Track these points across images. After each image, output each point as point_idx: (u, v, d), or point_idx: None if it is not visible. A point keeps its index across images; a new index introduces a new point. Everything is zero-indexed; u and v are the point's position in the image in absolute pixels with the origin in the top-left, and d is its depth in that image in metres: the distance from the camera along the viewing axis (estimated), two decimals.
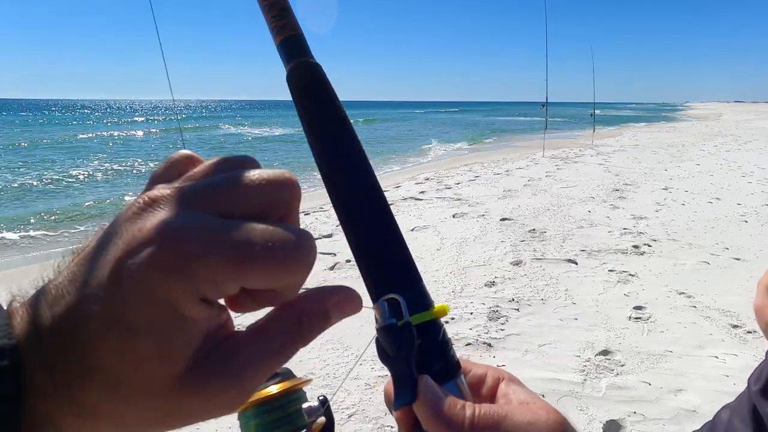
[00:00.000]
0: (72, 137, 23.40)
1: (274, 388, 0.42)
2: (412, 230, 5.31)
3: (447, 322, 3.17)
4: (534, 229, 5.26)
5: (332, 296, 0.24)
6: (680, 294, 3.58)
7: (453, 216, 5.94)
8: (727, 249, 4.56)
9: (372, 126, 31.15)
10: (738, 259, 4.28)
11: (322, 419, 0.41)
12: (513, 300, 3.51)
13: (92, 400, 0.20)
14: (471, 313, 3.31)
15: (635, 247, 4.64)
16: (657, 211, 6.08)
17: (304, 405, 0.41)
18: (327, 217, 5.77)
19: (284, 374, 0.44)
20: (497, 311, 3.33)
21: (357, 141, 0.32)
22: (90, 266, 0.20)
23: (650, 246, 4.69)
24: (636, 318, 3.22)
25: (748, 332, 2.99)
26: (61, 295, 0.20)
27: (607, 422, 2.24)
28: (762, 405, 0.55)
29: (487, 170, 9.82)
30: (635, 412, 2.29)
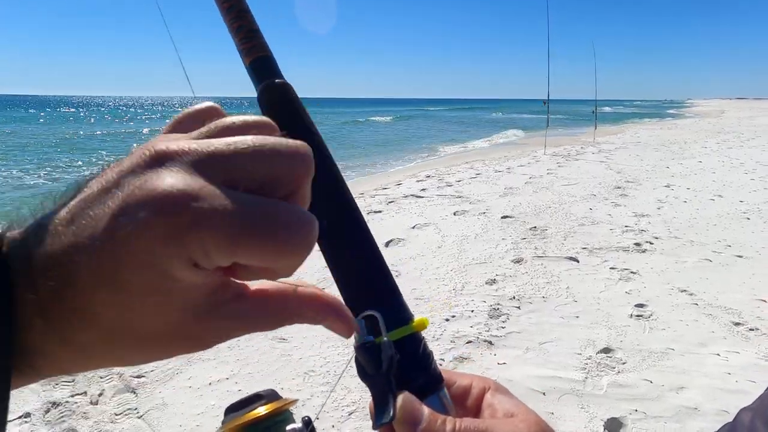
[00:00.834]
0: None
1: (262, 410, 0.41)
2: (413, 228, 5.31)
3: (447, 320, 3.17)
4: (535, 227, 5.25)
5: (331, 313, 0.25)
6: (682, 291, 3.56)
7: (454, 213, 5.93)
8: (729, 246, 4.55)
9: (404, 122, 31.29)
10: (740, 257, 4.26)
11: None
12: (514, 298, 3.50)
13: (84, 341, 0.20)
14: (472, 311, 3.30)
15: (637, 245, 4.63)
16: (659, 209, 6.06)
17: (288, 427, 0.39)
18: None
19: (269, 396, 0.43)
20: (498, 309, 3.33)
21: (329, 157, 0.32)
22: (88, 212, 0.20)
23: (652, 243, 4.67)
24: (637, 316, 3.21)
25: (750, 330, 2.98)
26: (58, 234, 0.20)
27: (609, 420, 2.23)
28: None
29: (488, 168, 9.80)
30: (636, 410, 2.28)
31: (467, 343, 2.90)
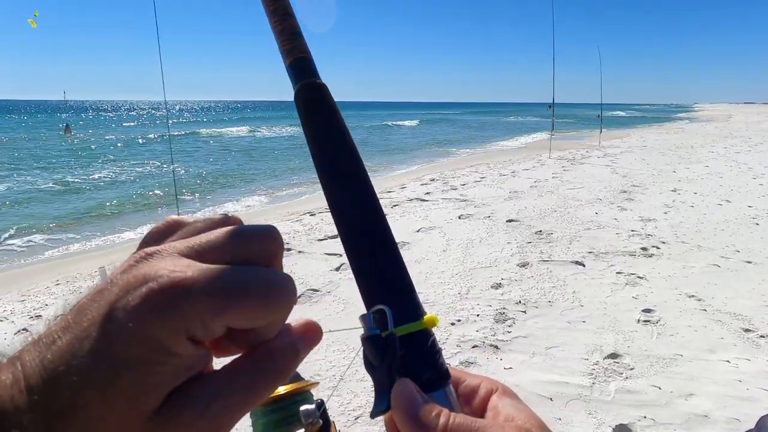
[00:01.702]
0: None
1: (282, 389, 0.43)
2: (418, 231, 5.29)
3: (453, 324, 3.15)
4: (540, 231, 5.22)
5: (299, 331, 0.26)
6: (690, 297, 3.53)
7: (459, 217, 5.91)
8: (738, 252, 4.50)
9: (434, 126, 32.16)
10: (749, 262, 4.21)
11: (319, 422, 0.42)
12: (520, 302, 3.48)
13: None
14: (477, 315, 3.28)
15: (643, 249, 4.59)
16: (665, 213, 6.02)
17: (302, 408, 0.42)
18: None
19: (293, 377, 0.44)
20: (504, 313, 3.30)
21: (357, 157, 0.34)
22: (84, 312, 0.21)
23: (659, 248, 4.63)
24: (645, 321, 3.17)
25: (761, 336, 2.94)
26: (52, 341, 0.21)
27: (617, 426, 2.20)
28: None
29: (493, 171, 9.78)
30: (645, 417, 2.25)
31: (473, 348, 2.88)
